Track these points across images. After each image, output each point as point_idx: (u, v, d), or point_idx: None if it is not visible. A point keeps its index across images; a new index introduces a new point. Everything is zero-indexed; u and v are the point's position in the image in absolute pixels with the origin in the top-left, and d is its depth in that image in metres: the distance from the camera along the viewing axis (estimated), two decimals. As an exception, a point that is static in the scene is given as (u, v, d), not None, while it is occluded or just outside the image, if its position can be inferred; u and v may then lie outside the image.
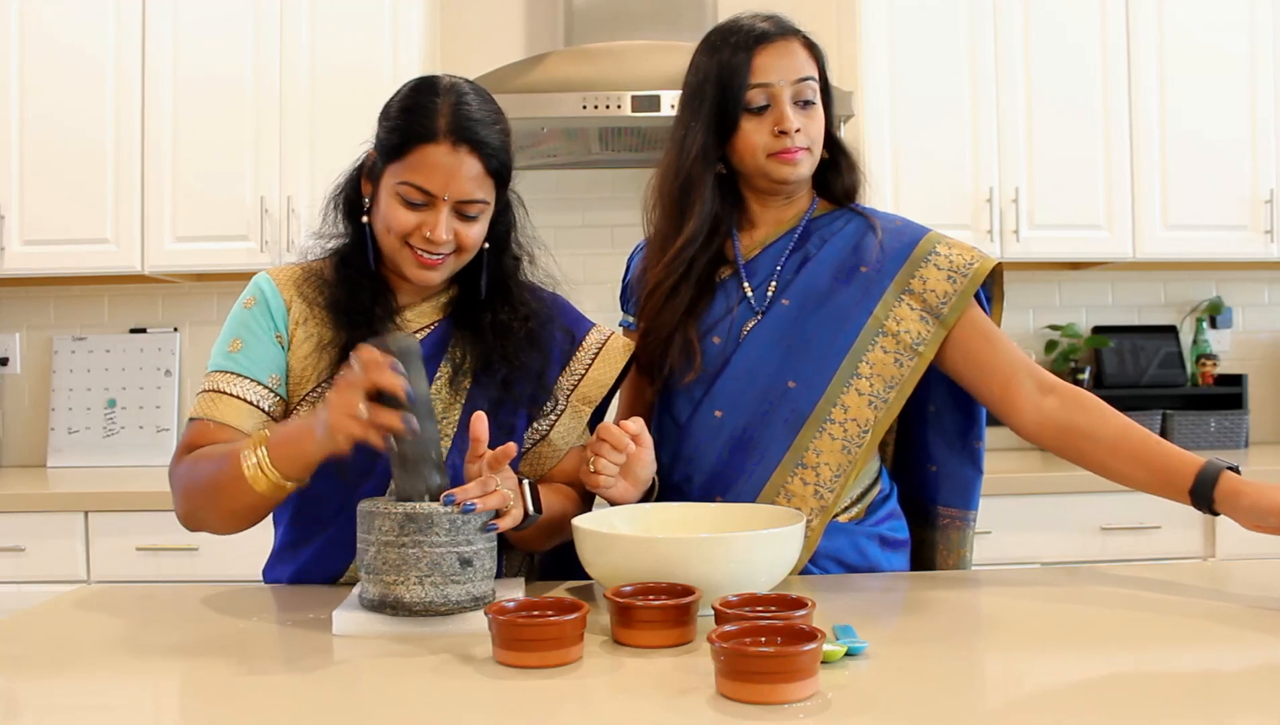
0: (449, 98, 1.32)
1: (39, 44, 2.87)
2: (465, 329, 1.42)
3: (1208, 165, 2.98)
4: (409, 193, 1.31)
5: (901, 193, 2.92)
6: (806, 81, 1.47)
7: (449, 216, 1.32)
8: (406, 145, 1.31)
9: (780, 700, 0.89)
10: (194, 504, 1.31)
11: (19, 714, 0.96)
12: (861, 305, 1.49)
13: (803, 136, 1.46)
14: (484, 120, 1.33)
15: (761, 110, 1.46)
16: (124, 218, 2.87)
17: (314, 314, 1.39)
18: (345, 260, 1.41)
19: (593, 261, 3.20)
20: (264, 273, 1.44)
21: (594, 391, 1.49)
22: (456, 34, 3.24)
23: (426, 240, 1.32)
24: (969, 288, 1.50)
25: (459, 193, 1.31)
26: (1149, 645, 1.12)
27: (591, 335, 1.51)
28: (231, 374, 1.36)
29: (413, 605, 1.14)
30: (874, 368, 1.48)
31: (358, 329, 1.36)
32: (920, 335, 1.49)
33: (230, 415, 1.34)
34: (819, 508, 1.46)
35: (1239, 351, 3.40)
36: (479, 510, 1.16)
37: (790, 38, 1.48)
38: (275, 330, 1.39)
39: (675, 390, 1.53)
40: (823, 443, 1.47)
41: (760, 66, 1.46)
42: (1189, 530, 2.65)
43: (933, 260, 1.51)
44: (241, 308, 1.41)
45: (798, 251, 1.53)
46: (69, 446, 3.15)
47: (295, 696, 0.98)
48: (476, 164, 1.32)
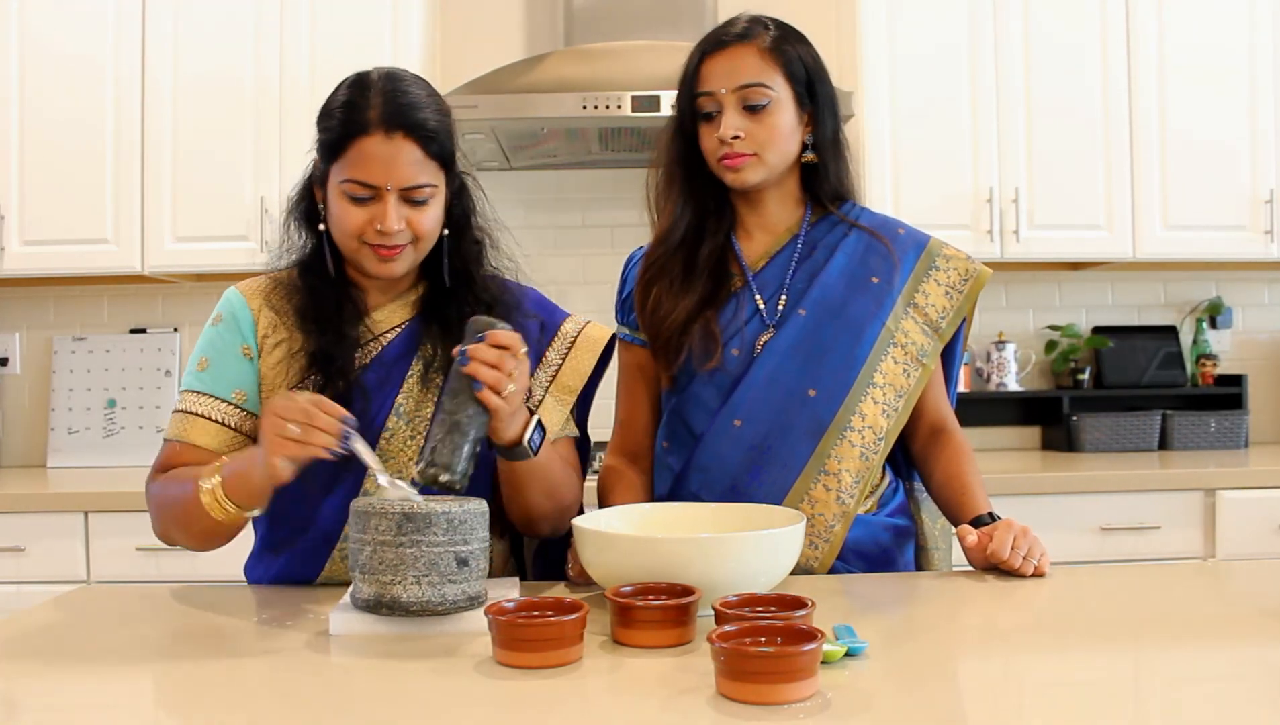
0: (379, 87, 1.33)
1: (39, 45, 2.86)
2: (434, 324, 1.43)
3: (1207, 165, 2.98)
4: (353, 189, 1.32)
5: (901, 193, 2.92)
6: (754, 87, 1.47)
7: (397, 205, 1.33)
8: (342, 142, 1.32)
9: (780, 700, 0.89)
10: (165, 525, 1.37)
11: (19, 714, 0.96)
12: (876, 316, 1.52)
13: (747, 142, 1.47)
14: (415, 104, 1.33)
15: (710, 117, 1.50)
16: (124, 218, 2.86)
17: (282, 322, 1.41)
18: (308, 268, 1.42)
19: (593, 261, 3.21)
20: (233, 287, 1.46)
21: (574, 380, 1.49)
22: (456, 34, 3.24)
23: (379, 233, 1.33)
24: (963, 304, 1.58)
25: (401, 180, 1.32)
26: (1149, 645, 1.12)
27: (567, 324, 1.52)
28: (199, 393, 1.39)
29: (410, 605, 1.13)
30: (886, 377, 1.52)
31: (325, 335, 1.37)
32: (924, 347, 1.55)
33: (199, 436, 1.38)
34: (841, 513, 1.48)
35: (1239, 351, 3.40)
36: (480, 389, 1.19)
37: (745, 44, 1.48)
38: (242, 343, 1.40)
39: (689, 399, 1.54)
40: (843, 450, 1.49)
41: (706, 74, 1.49)
42: (1189, 530, 2.65)
43: (933, 275, 1.57)
44: (210, 325, 1.43)
45: (805, 262, 1.55)
46: (69, 446, 3.15)
47: (295, 697, 0.98)
48: (414, 149, 1.32)
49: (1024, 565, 1.35)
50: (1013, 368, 3.25)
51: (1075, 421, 3.14)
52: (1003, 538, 1.36)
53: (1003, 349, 3.24)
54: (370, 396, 1.37)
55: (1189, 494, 2.66)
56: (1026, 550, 1.36)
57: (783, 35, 1.51)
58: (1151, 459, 3.00)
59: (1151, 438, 3.17)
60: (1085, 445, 3.13)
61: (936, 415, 1.60)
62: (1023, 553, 1.35)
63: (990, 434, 3.32)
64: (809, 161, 1.55)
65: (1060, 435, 3.21)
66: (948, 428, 1.59)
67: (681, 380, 1.54)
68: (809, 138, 1.54)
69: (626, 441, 1.61)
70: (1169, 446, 3.18)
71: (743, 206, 1.58)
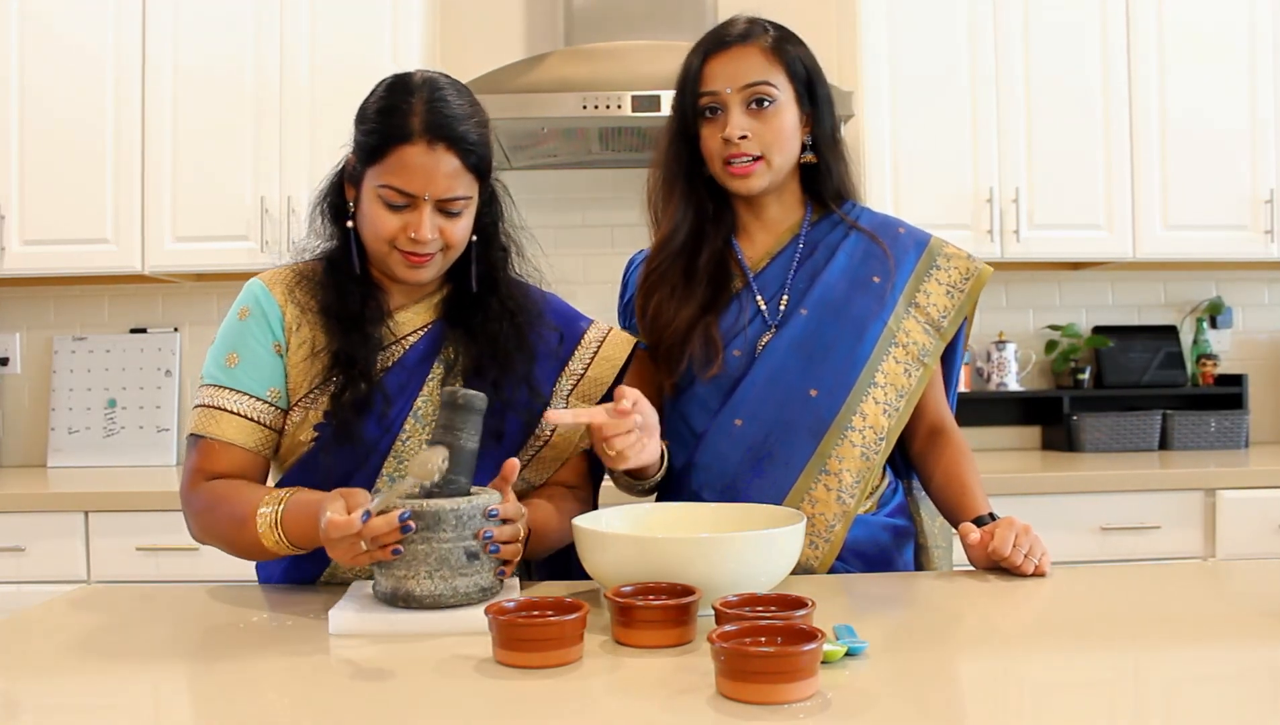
0: (422, 95, 1.31)
1: (39, 44, 2.86)
2: (458, 329, 1.42)
3: (1208, 165, 2.98)
4: (389, 195, 1.31)
5: (901, 193, 2.92)
6: (759, 85, 1.47)
7: (432, 215, 1.32)
8: (383, 147, 1.30)
9: (780, 700, 0.89)
10: (208, 537, 1.35)
11: (19, 714, 0.96)
12: (877, 316, 1.52)
13: (753, 143, 1.48)
14: (459, 116, 1.32)
15: (713, 117, 1.49)
16: (124, 218, 2.86)
17: (306, 319, 1.39)
18: (334, 264, 1.41)
19: (593, 261, 3.20)
20: (257, 279, 1.43)
21: (594, 390, 1.49)
22: (456, 34, 3.24)
23: (412, 241, 1.32)
24: (965, 303, 1.57)
25: (439, 191, 1.31)
26: (1149, 645, 1.12)
27: (590, 332, 1.51)
28: (230, 390, 1.36)
29: (423, 599, 1.17)
30: (887, 377, 1.52)
31: (349, 334, 1.36)
32: (925, 347, 1.54)
33: (232, 433, 1.35)
34: (841, 513, 1.48)
35: (1239, 351, 3.40)
36: (500, 554, 1.22)
37: (748, 44, 1.49)
38: (273, 339, 1.38)
39: (690, 398, 1.54)
40: (845, 450, 1.49)
41: (710, 74, 1.49)
42: (1189, 530, 2.65)
43: (934, 274, 1.56)
44: (237, 319, 1.39)
45: (806, 262, 1.55)
46: (69, 446, 3.15)
47: (295, 697, 0.98)
48: (454, 160, 1.31)
49: (1025, 564, 1.35)
50: (1013, 368, 3.25)
51: (1075, 421, 3.14)
52: (1004, 535, 1.36)
53: (1003, 349, 3.25)
54: (391, 400, 1.37)
55: (1189, 494, 2.66)
56: (1028, 548, 1.36)
57: (782, 36, 1.52)
58: (1151, 459, 3.00)
59: (1151, 438, 3.17)
60: (1085, 445, 3.13)
61: (936, 416, 1.60)
62: (1024, 550, 1.36)
63: (990, 434, 3.32)
64: (809, 162, 1.55)
65: (1060, 435, 3.21)
66: (946, 428, 1.59)
67: (683, 382, 1.54)
68: (808, 138, 1.54)
69: None
70: (1169, 446, 3.18)
71: (743, 209, 1.58)
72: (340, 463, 1.32)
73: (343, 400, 1.33)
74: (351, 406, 1.33)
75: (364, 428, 1.34)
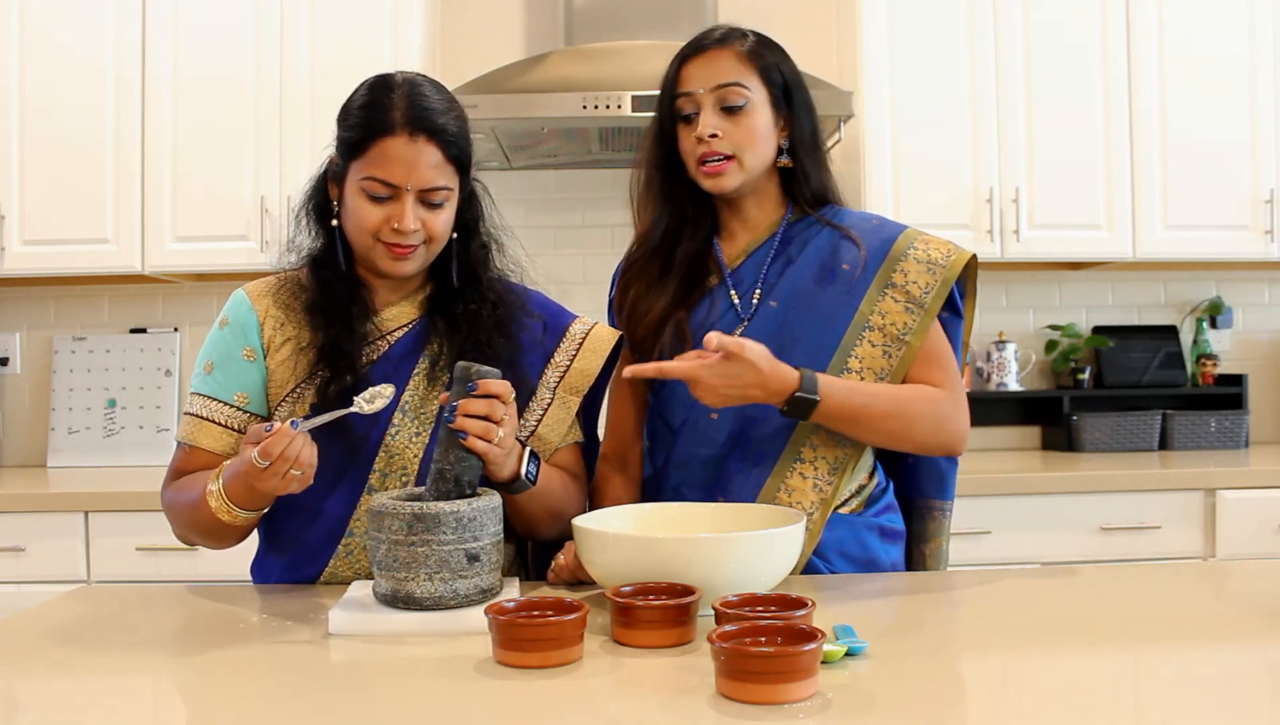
0: (403, 91, 1.36)
1: (39, 44, 2.86)
2: (441, 322, 1.45)
3: (1208, 165, 2.98)
4: (373, 187, 1.35)
5: (901, 192, 2.92)
6: (731, 87, 1.49)
7: (414, 206, 1.36)
8: (366, 141, 1.34)
9: (780, 700, 0.89)
10: (182, 529, 1.39)
11: (19, 714, 0.96)
12: (846, 303, 1.51)
13: (724, 142, 1.49)
14: (438, 109, 1.36)
15: (689, 119, 1.52)
16: (124, 218, 2.87)
17: (290, 318, 1.43)
18: (320, 264, 1.44)
19: (593, 261, 3.20)
20: (240, 289, 1.48)
21: (580, 381, 1.50)
22: (456, 34, 3.24)
23: (395, 231, 1.35)
24: (949, 276, 1.53)
25: (421, 181, 1.35)
26: (1149, 645, 1.12)
27: (575, 325, 1.54)
28: (205, 397, 1.42)
29: (423, 600, 1.17)
30: (863, 362, 1.50)
31: (333, 328, 1.39)
32: (907, 325, 1.51)
33: (206, 440, 1.40)
34: (819, 501, 1.48)
35: (1239, 351, 3.40)
36: (467, 438, 1.23)
37: (724, 47, 1.51)
38: (245, 345, 1.42)
39: (668, 395, 1.55)
40: (819, 437, 1.49)
41: (685, 76, 1.52)
42: (1189, 530, 2.65)
43: (912, 254, 1.54)
44: (216, 328, 1.45)
45: (780, 257, 1.56)
46: (69, 446, 3.15)
47: (295, 697, 0.98)
48: (436, 152, 1.35)
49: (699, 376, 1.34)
50: (1013, 368, 3.25)
51: (1075, 421, 3.14)
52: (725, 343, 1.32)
53: (1003, 349, 3.25)
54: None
55: (1189, 494, 2.66)
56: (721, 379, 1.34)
57: (760, 42, 1.54)
58: (1151, 459, 3.00)
59: (1151, 438, 3.17)
60: (1085, 445, 3.13)
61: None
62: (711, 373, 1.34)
63: (990, 434, 3.32)
64: (786, 166, 1.55)
65: (1060, 435, 3.21)
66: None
67: (659, 379, 1.54)
68: (785, 141, 1.55)
69: (615, 446, 1.62)
70: (1169, 446, 3.18)
71: (725, 209, 1.60)
72: (328, 456, 1.32)
73: (329, 392, 1.36)
74: (338, 398, 1.34)
75: (352, 420, 1.35)
